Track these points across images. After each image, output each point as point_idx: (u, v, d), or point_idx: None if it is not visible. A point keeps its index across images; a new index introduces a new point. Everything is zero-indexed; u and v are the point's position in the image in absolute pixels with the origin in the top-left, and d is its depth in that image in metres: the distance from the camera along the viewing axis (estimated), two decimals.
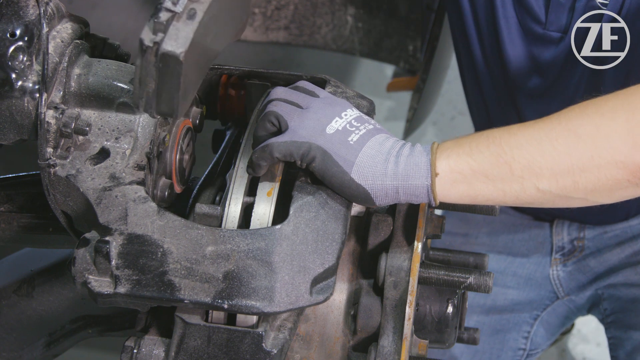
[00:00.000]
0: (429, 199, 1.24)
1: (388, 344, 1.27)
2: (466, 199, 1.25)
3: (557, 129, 1.23)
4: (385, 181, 1.22)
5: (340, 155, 1.22)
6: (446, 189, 1.23)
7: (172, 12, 1.14)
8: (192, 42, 1.13)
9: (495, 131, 1.25)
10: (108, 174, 1.26)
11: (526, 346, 2.09)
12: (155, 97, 1.15)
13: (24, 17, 1.26)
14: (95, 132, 1.29)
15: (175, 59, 1.12)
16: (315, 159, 1.23)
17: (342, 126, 1.25)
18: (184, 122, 1.39)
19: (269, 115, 1.27)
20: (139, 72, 1.15)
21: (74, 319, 1.60)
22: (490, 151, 1.23)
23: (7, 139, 1.29)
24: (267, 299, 1.18)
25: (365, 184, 1.23)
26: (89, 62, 1.32)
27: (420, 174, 1.22)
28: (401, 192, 1.23)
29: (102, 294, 1.19)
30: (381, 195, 1.23)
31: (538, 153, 1.22)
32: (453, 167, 1.23)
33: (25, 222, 1.50)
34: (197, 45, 1.15)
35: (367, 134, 1.25)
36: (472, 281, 1.31)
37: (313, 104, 1.28)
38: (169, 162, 1.36)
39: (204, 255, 1.19)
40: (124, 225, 1.21)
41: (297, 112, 1.26)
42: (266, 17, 3.18)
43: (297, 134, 1.24)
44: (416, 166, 1.22)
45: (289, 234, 1.21)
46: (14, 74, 1.25)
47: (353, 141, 1.24)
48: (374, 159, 1.23)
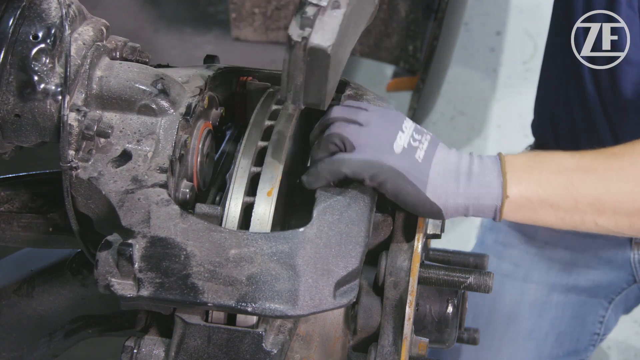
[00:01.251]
0: (495, 217, 1.28)
1: (388, 344, 1.27)
2: (527, 220, 1.31)
3: (629, 170, 1.28)
4: (458, 200, 1.26)
5: (413, 175, 1.25)
6: (512, 211, 1.28)
7: (318, 6, 1.18)
8: (337, 35, 1.17)
9: (565, 159, 1.30)
10: (130, 177, 1.26)
11: (600, 331, 2.09)
12: (303, 90, 1.20)
13: (46, 19, 1.26)
14: (117, 135, 1.29)
15: (323, 53, 1.16)
16: (387, 181, 1.25)
17: (407, 142, 1.27)
18: (205, 125, 1.39)
19: (333, 137, 1.28)
20: (288, 66, 1.18)
21: (74, 319, 1.60)
22: (559, 183, 1.27)
23: (29, 141, 1.29)
24: (290, 302, 1.17)
25: (439, 202, 1.26)
26: (110, 64, 1.32)
27: (492, 196, 1.26)
28: (471, 210, 1.27)
29: (125, 297, 1.19)
30: (452, 212, 1.27)
31: (605, 193, 1.27)
32: (523, 193, 1.27)
33: (25, 222, 1.49)
34: (341, 36, 1.20)
35: (429, 147, 1.29)
36: (472, 281, 1.31)
37: (372, 120, 1.29)
38: (191, 165, 1.36)
39: (227, 258, 1.19)
40: (147, 228, 1.21)
41: (360, 131, 1.28)
42: (266, 17, 3.18)
43: (366, 153, 1.25)
44: (488, 187, 1.26)
45: (313, 237, 1.21)
46: (37, 77, 1.25)
47: (421, 158, 1.27)
48: (445, 178, 1.26)
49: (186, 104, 1.32)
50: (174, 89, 1.32)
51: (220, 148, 1.52)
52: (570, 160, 1.30)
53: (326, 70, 1.18)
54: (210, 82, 1.40)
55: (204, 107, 1.39)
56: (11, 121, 1.26)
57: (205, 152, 1.39)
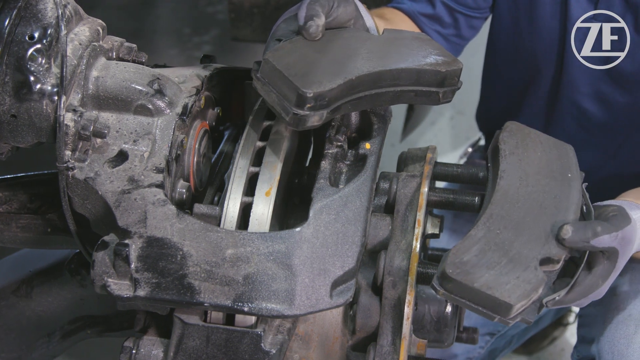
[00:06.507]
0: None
1: (387, 344, 1.27)
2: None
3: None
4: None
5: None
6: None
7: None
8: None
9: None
10: (127, 177, 1.26)
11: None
12: (285, 100, 1.24)
13: (42, 19, 1.26)
14: (114, 135, 1.29)
15: (269, 64, 1.26)
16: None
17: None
18: (201, 125, 1.39)
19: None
20: (264, 95, 1.28)
21: (72, 320, 1.60)
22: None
23: (26, 141, 1.28)
24: (287, 302, 1.17)
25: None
26: (106, 64, 1.32)
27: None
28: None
29: (121, 297, 1.19)
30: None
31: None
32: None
33: (23, 223, 1.49)
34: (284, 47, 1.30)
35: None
36: None
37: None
38: (187, 165, 1.35)
39: (223, 258, 1.19)
40: (143, 228, 1.21)
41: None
42: (265, 17, 3.18)
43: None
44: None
45: (309, 236, 1.21)
46: (33, 77, 1.24)
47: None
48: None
49: (182, 104, 1.32)
50: (170, 89, 1.32)
51: (218, 148, 1.52)
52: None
53: (282, 75, 1.21)
54: (207, 82, 1.40)
55: (201, 107, 1.39)
56: (7, 122, 1.26)
57: (201, 152, 1.39)
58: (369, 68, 1.27)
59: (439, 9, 1.96)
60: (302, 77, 1.21)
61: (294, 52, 1.27)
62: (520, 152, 1.34)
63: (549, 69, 1.96)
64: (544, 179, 1.31)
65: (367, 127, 1.38)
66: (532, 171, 1.32)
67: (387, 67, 1.28)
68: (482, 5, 1.99)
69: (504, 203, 1.26)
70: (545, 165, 1.33)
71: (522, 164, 1.32)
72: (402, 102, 1.33)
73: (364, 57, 1.29)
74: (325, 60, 1.27)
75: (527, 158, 1.33)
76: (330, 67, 1.25)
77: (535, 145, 1.36)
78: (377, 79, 1.27)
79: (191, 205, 1.30)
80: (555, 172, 1.33)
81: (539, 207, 1.27)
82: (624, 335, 1.73)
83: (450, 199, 1.40)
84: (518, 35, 1.97)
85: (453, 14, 1.98)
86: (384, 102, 1.31)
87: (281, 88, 1.22)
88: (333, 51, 1.30)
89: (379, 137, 1.35)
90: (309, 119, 1.21)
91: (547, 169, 1.33)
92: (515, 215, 1.25)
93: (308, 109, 1.21)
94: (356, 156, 1.34)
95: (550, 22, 1.90)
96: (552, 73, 1.96)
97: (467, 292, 1.16)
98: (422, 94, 1.32)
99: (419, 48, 1.35)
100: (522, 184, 1.29)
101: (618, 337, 1.74)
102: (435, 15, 1.97)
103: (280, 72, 1.22)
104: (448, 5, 1.97)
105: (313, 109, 1.21)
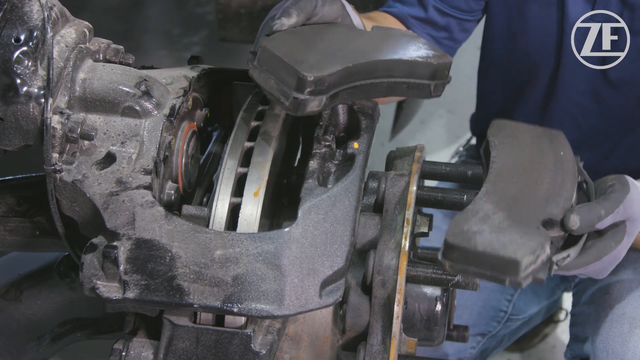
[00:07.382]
0: None
1: (377, 343, 1.27)
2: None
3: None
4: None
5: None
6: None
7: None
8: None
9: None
10: (114, 179, 1.25)
11: (508, 309, 2.12)
12: (284, 85, 1.23)
13: (28, 22, 1.25)
14: (101, 137, 1.29)
15: (267, 51, 1.26)
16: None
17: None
18: (189, 126, 1.39)
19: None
20: (260, 83, 1.26)
21: (62, 323, 1.60)
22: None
23: (13, 144, 1.28)
24: (276, 302, 1.17)
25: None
26: (93, 66, 1.31)
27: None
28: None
29: (110, 299, 1.18)
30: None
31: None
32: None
33: (11, 226, 1.49)
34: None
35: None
36: (460, 279, 1.31)
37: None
38: (175, 166, 1.35)
39: (212, 259, 1.19)
40: (132, 230, 1.20)
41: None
42: (252, 17, 3.17)
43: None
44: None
45: (298, 236, 1.21)
46: (19, 80, 1.24)
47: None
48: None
49: (170, 105, 1.31)
50: (157, 91, 1.31)
51: (206, 149, 1.52)
52: None
53: (282, 60, 1.21)
54: (195, 83, 1.40)
55: (189, 108, 1.38)
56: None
57: (189, 153, 1.39)
58: (364, 57, 1.27)
59: (431, 13, 1.96)
60: (301, 63, 1.22)
61: (290, 41, 1.28)
62: (510, 140, 1.35)
63: (546, 70, 1.96)
64: (537, 157, 1.32)
65: (355, 126, 1.38)
66: (524, 154, 1.33)
67: (381, 57, 1.29)
68: (475, 8, 1.99)
69: (498, 181, 1.27)
70: (537, 149, 1.34)
71: (513, 150, 1.33)
72: (394, 94, 1.34)
73: (358, 48, 1.30)
74: (321, 48, 1.28)
75: (518, 145, 1.34)
76: (327, 55, 1.26)
77: (524, 133, 1.37)
78: (373, 68, 1.28)
79: (180, 206, 1.30)
80: (548, 152, 1.34)
81: (534, 181, 1.28)
82: (619, 334, 1.74)
83: (439, 198, 1.40)
84: (512, 37, 1.97)
85: (445, 18, 1.98)
86: (378, 94, 1.32)
87: (280, 73, 1.22)
88: (328, 41, 1.31)
89: (367, 136, 1.35)
90: (308, 104, 1.21)
91: (539, 151, 1.34)
92: (512, 189, 1.26)
93: (308, 93, 1.21)
94: (344, 156, 1.34)
95: (545, 23, 1.90)
96: (549, 73, 1.96)
97: (472, 257, 1.16)
98: (415, 86, 1.32)
99: (408, 42, 1.36)
100: (515, 164, 1.30)
101: (613, 336, 1.74)
102: (428, 19, 1.97)
103: (279, 58, 1.22)
104: (440, 9, 1.96)
105: (313, 94, 1.21)
